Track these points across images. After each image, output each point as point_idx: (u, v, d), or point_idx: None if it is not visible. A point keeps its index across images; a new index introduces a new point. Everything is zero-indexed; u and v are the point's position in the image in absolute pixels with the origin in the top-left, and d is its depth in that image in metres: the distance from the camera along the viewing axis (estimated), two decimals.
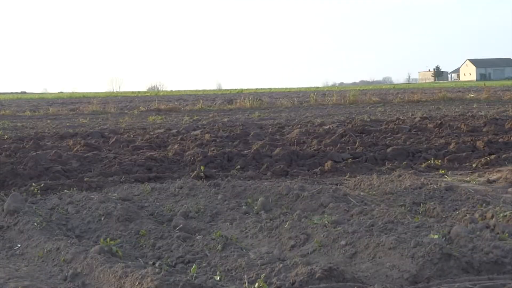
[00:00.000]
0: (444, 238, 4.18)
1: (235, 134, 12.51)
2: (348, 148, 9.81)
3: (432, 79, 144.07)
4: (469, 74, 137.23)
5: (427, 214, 5.39)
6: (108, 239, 4.70)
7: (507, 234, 4.24)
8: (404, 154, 9.18)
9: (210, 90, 76.58)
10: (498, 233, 4.31)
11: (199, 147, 10.24)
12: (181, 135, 12.71)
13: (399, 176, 6.95)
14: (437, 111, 19.58)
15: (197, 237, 4.66)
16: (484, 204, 5.36)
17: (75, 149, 10.43)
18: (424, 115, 17.56)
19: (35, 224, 5.10)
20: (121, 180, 7.58)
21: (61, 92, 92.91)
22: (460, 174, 7.76)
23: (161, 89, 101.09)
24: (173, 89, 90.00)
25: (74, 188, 6.99)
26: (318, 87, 77.63)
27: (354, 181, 6.97)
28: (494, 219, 4.67)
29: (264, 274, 3.70)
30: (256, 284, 3.59)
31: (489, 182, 7.02)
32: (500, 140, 10.09)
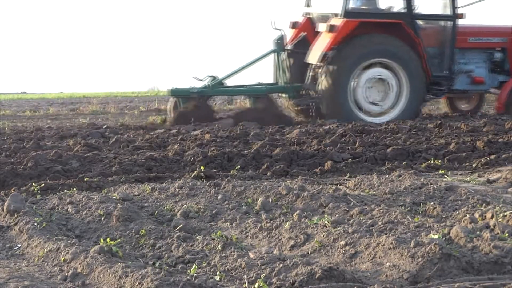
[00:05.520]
0: (444, 238, 4.18)
1: (235, 134, 12.48)
2: (348, 148, 9.79)
3: None
4: None
5: (427, 214, 5.38)
6: (108, 239, 4.71)
7: (507, 234, 4.24)
8: (404, 154, 9.16)
9: None
10: (498, 233, 4.30)
11: (199, 147, 10.22)
12: (181, 135, 12.68)
13: (399, 176, 6.95)
14: (437, 111, 19.53)
15: (197, 237, 4.66)
16: (484, 204, 5.35)
17: (75, 149, 10.42)
18: (424, 115, 17.52)
19: (35, 224, 5.10)
20: (121, 180, 7.57)
21: (61, 92, 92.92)
22: (460, 174, 7.75)
23: (161, 89, 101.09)
24: None
25: (74, 188, 6.98)
26: None
27: (354, 181, 6.96)
28: (494, 219, 4.67)
29: (264, 274, 3.70)
30: (256, 284, 3.59)
31: (489, 182, 7.01)
32: (500, 140, 10.08)
